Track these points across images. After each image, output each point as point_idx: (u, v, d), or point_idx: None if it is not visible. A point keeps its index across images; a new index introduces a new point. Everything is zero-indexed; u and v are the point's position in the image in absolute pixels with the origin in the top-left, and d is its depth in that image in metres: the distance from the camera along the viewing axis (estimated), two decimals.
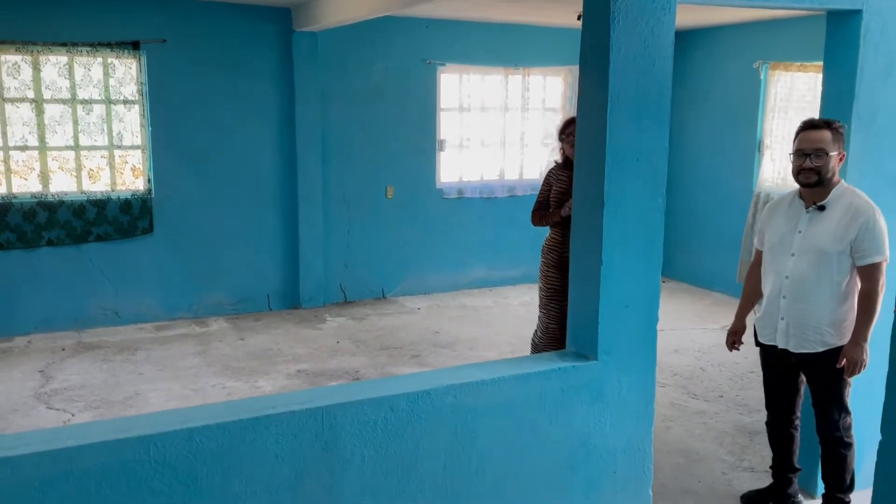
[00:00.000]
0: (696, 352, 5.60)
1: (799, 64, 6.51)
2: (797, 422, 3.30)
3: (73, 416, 4.34)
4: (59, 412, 4.40)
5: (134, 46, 5.83)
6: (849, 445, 3.10)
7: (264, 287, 6.67)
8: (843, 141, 2.94)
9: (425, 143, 7.12)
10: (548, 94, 7.59)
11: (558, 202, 4.19)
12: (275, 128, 6.52)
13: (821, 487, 3.43)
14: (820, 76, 6.38)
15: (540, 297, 4.34)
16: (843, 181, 2.99)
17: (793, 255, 3.01)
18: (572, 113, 7.48)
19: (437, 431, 2.53)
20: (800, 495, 3.37)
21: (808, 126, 2.95)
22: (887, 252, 2.90)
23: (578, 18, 6.59)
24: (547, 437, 2.74)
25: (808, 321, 2.99)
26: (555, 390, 2.72)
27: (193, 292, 6.39)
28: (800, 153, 2.93)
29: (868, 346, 2.94)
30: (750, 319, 3.38)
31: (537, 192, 7.48)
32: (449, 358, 5.42)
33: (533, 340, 4.42)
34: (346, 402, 2.38)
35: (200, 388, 4.80)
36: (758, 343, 3.26)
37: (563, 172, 4.21)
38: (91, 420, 4.28)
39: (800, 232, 3.01)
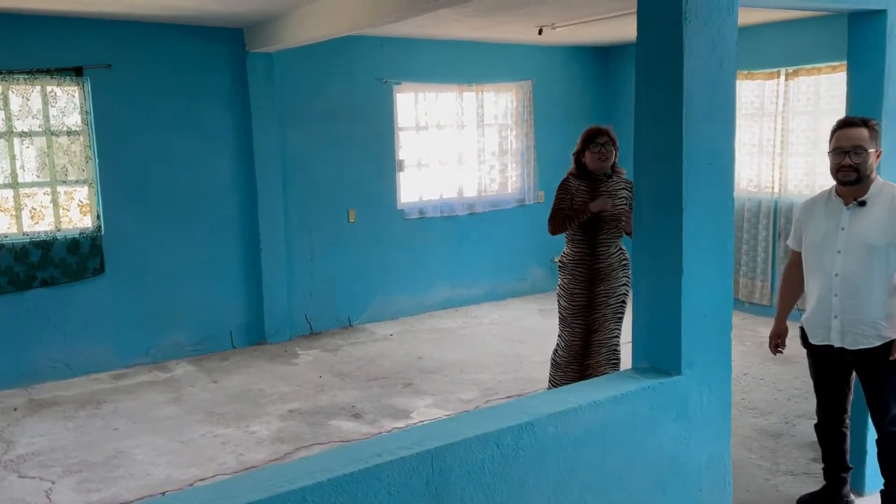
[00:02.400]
0: None
1: (746, 72, 6.73)
2: (848, 420, 3.29)
3: (53, 483, 3.85)
4: (35, 480, 3.89)
5: (76, 73, 5.35)
6: None
7: (226, 324, 6.25)
8: (879, 138, 2.95)
9: (385, 163, 6.91)
10: (500, 111, 7.55)
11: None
12: (231, 154, 6.15)
13: (869, 485, 3.46)
14: (769, 83, 6.68)
15: (562, 314, 4.20)
16: (879, 177, 3.01)
17: (839, 252, 2.98)
18: (525, 128, 7.48)
19: (541, 465, 2.35)
20: (852, 494, 3.37)
21: (845, 124, 2.96)
22: None
23: (540, 33, 6.63)
24: (639, 459, 2.60)
25: (862, 316, 2.96)
26: (645, 409, 2.59)
27: (150, 335, 5.89)
28: (838, 151, 2.93)
29: None
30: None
31: (497, 208, 7.55)
32: (443, 384, 5.21)
33: (553, 359, 4.28)
34: (455, 442, 2.16)
35: (189, 438, 4.38)
36: (806, 344, 3.21)
37: (581, 182, 4.12)
38: (75, 485, 3.81)
39: (843, 229, 2.99)
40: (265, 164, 6.23)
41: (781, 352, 3.35)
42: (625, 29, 6.69)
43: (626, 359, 5.42)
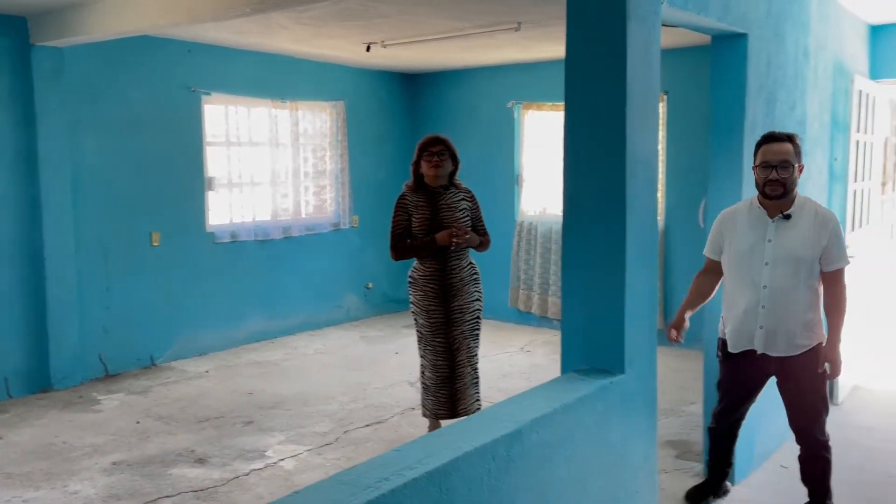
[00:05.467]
0: (521, 373, 5.72)
1: (550, 104, 7.18)
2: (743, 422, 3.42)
3: None
4: None
5: None
6: (830, 449, 3.14)
7: (1, 369, 5.14)
8: (801, 153, 3.04)
9: (192, 181, 6.24)
10: (315, 130, 7.23)
11: (428, 229, 3.93)
12: (9, 164, 5.13)
13: (738, 475, 3.71)
14: (556, 114, 7.17)
15: (420, 332, 4.02)
16: (797, 191, 3.06)
17: (767, 264, 3.01)
18: (340, 150, 7.27)
19: (527, 475, 2.16)
20: (728, 484, 3.58)
21: (770, 139, 3.01)
22: (847, 258, 3.05)
23: (368, 50, 6.50)
24: (599, 461, 2.52)
25: (786, 327, 3.02)
26: (601, 410, 2.53)
27: None
28: (765, 165, 2.97)
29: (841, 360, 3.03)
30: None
31: (313, 232, 7.17)
32: (289, 418, 4.73)
33: (423, 383, 4.07)
34: (458, 457, 1.90)
35: None
36: (726, 356, 3.25)
37: (419, 197, 3.97)
38: None
39: (770, 241, 3.01)
40: (52, 178, 5.29)
41: (680, 342, 3.33)
42: (444, 56, 6.80)
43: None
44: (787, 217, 3.00)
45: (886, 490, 3.66)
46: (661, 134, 6.47)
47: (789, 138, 3.01)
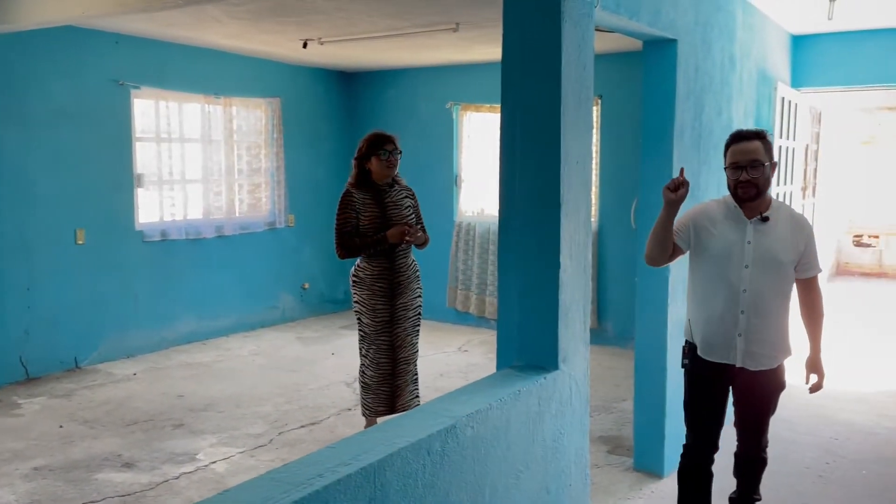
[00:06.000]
0: (458, 372, 5.75)
1: (488, 105, 7.24)
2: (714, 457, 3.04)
3: None
4: None
5: None
6: (766, 460, 3.02)
7: None
8: (772, 150, 2.84)
9: (120, 177, 6.04)
10: (250, 127, 7.11)
11: (378, 227, 3.92)
12: None
13: (667, 468, 3.81)
14: (492, 115, 7.24)
15: (364, 332, 3.99)
16: (769, 193, 2.88)
17: (747, 266, 2.80)
18: (276, 148, 7.17)
19: (461, 471, 2.17)
20: None
21: (738, 138, 2.83)
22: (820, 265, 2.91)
23: (305, 46, 6.44)
24: (530, 456, 2.54)
25: (766, 337, 2.83)
26: (535, 406, 2.56)
27: None
28: (735, 166, 2.77)
29: None
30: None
31: (247, 231, 7.04)
32: (222, 420, 4.63)
33: (363, 382, 4.04)
34: (392, 453, 1.89)
35: None
36: (695, 362, 2.95)
37: (366, 195, 3.95)
38: None
39: (749, 243, 2.81)
40: None
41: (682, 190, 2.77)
42: (382, 55, 6.78)
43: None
44: (765, 219, 2.80)
45: (807, 481, 3.82)
46: (596, 137, 6.61)
47: (758, 135, 2.82)
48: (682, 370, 3.06)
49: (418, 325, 4.10)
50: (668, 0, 3.51)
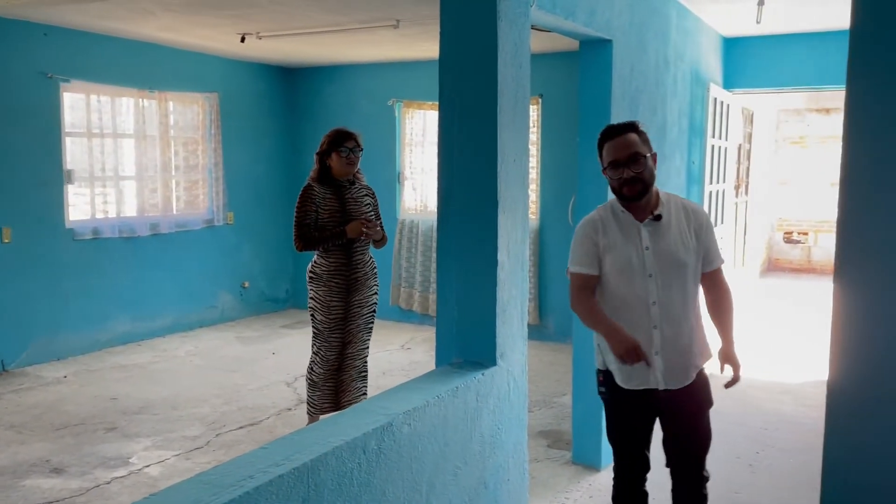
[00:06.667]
0: (401, 370, 5.73)
1: (430, 103, 7.24)
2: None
3: None
4: None
5: None
6: (707, 497, 2.72)
7: None
8: (648, 140, 2.58)
9: (49, 173, 5.82)
10: (186, 122, 6.95)
11: (337, 223, 3.89)
12: None
13: (604, 461, 3.87)
14: (430, 112, 7.25)
15: (317, 328, 3.96)
16: (657, 187, 2.60)
17: (651, 276, 2.52)
18: (213, 144, 7.04)
19: (398, 469, 2.17)
20: None
21: (611, 133, 2.57)
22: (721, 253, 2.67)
23: (242, 41, 6.33)
24: (468, 452, 2.56)
25: (683, 348, 2.55)
26: (472, 401, 2.57)
27: None
28: (615, 164, 2.49)
29: None
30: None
31: (184, 229, 6.87)
32: (157, 423, 4.52)
33: (310, 378, 4.00)
34: (327, 452, 1.88)
35: None
36: (614, 393, 2.66)
37: (326, 190, 3.93)
38: None
39: (647, 249, 2.53)
40: None
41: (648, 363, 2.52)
42: (322, 50, 6.71)
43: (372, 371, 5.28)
44: (658, 217, 2.54)
45: (738, 470, 3.94)
46: (536, 136, 6.68)
47: (631, 127, 2.56)
48: (600, 397, 2.77)
49: (372, 322, 4.10)
50: (604, 1, 3.57)
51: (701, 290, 2.64)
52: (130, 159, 6.44)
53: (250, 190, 7.48)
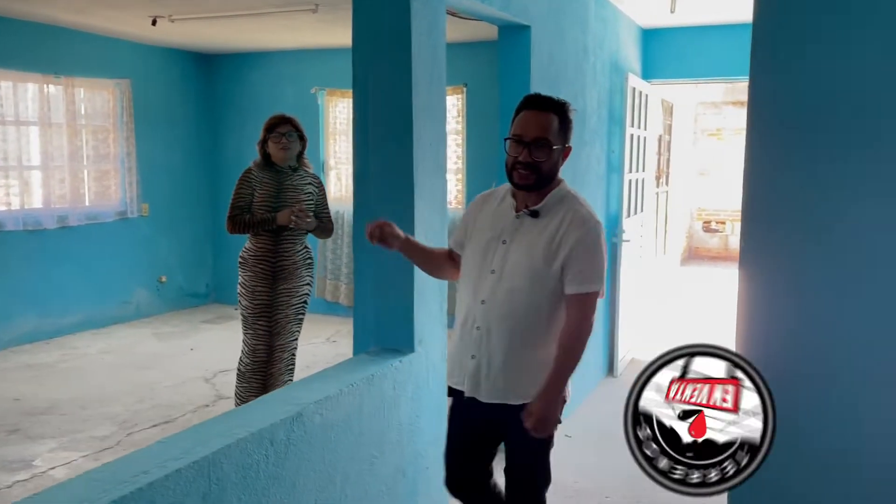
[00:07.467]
0: (325, 363, 5.61)
1: None
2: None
3: None
4: None
5: None
6: None
7: None
8: (569, 131, 2.20)
9: None
10: (96, 110, 6.63)
11: (270, 208, 3.77)
12: None
13: None
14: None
15: (243, 314, 3.83)
16: (564, 182, 2.24)
17: (493, 272, 2.18)
18: (126, 132, 6.77)
19: (310, 460, 2.11)
20: None
21: (530, 103, 2.17)
22: (604, 285, 2.17)
23: (154, 24, 6.08)
24: (385, 441, 2.51)
25: (505, 362, 2.16)
26: (389, 390, 2.53)
27: None
28: (517, 140, 2.13)
29: (568, 393, 2.19)
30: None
31: (95, 221, 6.56)
32: (63, 423, 4.30)
33: (239, 369, 3.86)
34: (230, 444, 1.80)
35: None
36: (449, 388, 2.34)
37: (265, 175, 3.81)
38: None
39: (504, 242, 2.19)
40: None
41: (375, 238, 2.26)
42: (240, 36, 6.51)
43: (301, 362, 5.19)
44: (535, 214, 2.17)
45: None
46: (461, 125, 6.66)
47: (558, 107, 2.17)
48: None
49: (302, 313, 3.98)
50: None
51: None
52: (36, 148, 6.11)
53: (166, 180, 7.21)
